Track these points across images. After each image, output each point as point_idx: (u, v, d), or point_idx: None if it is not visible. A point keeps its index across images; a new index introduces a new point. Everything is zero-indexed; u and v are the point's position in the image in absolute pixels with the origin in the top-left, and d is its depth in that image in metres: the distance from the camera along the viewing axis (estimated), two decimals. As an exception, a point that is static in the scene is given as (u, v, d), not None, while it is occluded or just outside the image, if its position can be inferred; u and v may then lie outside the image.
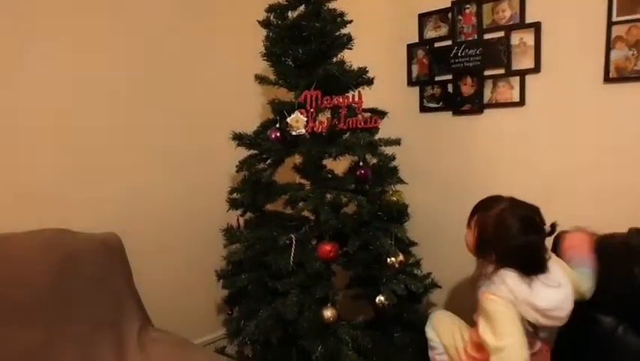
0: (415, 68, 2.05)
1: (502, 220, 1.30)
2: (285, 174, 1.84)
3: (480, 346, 1.33)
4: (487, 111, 1.86)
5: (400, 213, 1.73)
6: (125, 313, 1.59)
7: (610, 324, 1.40)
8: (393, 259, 1.63)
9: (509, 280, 1.26)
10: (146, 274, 1.74)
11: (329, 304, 1.59)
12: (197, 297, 2.04)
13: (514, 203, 1.33)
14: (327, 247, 1.58)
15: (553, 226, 1.32)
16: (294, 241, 1.61)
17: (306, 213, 1.73)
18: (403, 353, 1.72)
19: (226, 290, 1.87)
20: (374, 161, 1.77)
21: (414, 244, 1.82)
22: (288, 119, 1.60)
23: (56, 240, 1.54)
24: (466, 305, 1.95)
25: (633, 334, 1.38)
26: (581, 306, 1.47)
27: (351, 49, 1.74)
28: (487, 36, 1.82)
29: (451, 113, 1.95)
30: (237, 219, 1.84)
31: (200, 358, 1.49)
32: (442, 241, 1.99)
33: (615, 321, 1.40)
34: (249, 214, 1.85)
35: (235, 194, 1.76)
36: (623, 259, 1.42)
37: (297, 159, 1.85)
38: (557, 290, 1.28)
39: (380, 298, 1.62)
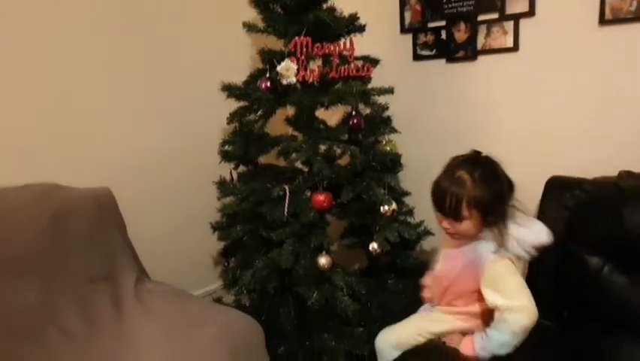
0: (407, 15, 2.00)
1: (490, 177, 1.21)
2: (277, 126, 1.82)
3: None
4: (480, 58, 1.83)
5: (393, 162, 1.72)
6: (120, 266, 1.59)
7: (596, 264, 1.45)
8: (386, 207, 1.64)
9: (513, 230, 1.22)
10: (141, 228, 1.74)
11: (324, 252, 1.61)
12: (193, 250, 2.06)
13: (466, 160, 1.25)
14: (320, 197, 1.59)
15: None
16: (287, 192, 1.61)
17: (299, 165, 1.72)
18: (396, 298, 1.76)
19: (221, 243, 1.88)
20: (367, 111, 1.76)
21: (407, 193, 1.83)
22: (278, 68, 1.56)
23: (48, 194, 1.53)
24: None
25: (619, 273, 1.42)
26: (566, 247, 1.51)
27: (341, -6, 1.69)
28: (481, -21, 1.77)
29: (444, 60, 1.92)
30: (230, 173, 1.83)
31: (197, 306, 1.52)
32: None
33: (601, 261, 1.44)
34: (242, 167, 1.84)
35: (227, 146, 1.74)
36: (613, 201, 1.44)
37: (289, 110, 1.82)
38: (535, 219, 1.30)
39: (373, 246, 1.63)
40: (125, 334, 1.40)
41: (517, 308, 1.16)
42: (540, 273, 1.62)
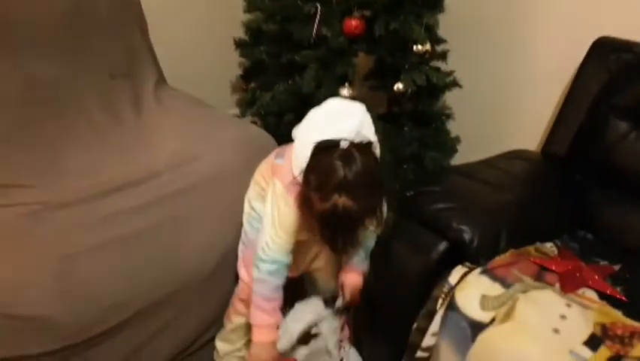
0: None
1: (372, 183, 0.97)
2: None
3: None
4: None
5: (437, -2, 1.59)
6: (140, 65, 1.57)
7: (624, 129, 1.40)
8: (420, 47, 1.56)
9: None
10: (162, 33, 1.68)
11: (347, 84, 1.57)
12: (213, 66, 2.01)
13: (335, 176, 0.94)
14: (353, 22, 1.50)
15: None
16: (319, 11, 1.52)
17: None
18: (409, 145, 1.76)
19: (242, 68, 1.84)
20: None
21: (443, 40, 1.73)
22: None
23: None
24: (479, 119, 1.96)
25: (645, 140, 1.39)
26: (595, 109, 1.46)
27: None
28: None
29: None
30: (259, -11, 1.71)
31: (216, 114, 1.54)
32: (474, 40, 1.90)
33: (629, 127, 1.40)
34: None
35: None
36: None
37: None
38: None
39: (398, 86, 1.58)
40: (146, 128, 1.43)
41: None
42: (558, 136, 1.61)
